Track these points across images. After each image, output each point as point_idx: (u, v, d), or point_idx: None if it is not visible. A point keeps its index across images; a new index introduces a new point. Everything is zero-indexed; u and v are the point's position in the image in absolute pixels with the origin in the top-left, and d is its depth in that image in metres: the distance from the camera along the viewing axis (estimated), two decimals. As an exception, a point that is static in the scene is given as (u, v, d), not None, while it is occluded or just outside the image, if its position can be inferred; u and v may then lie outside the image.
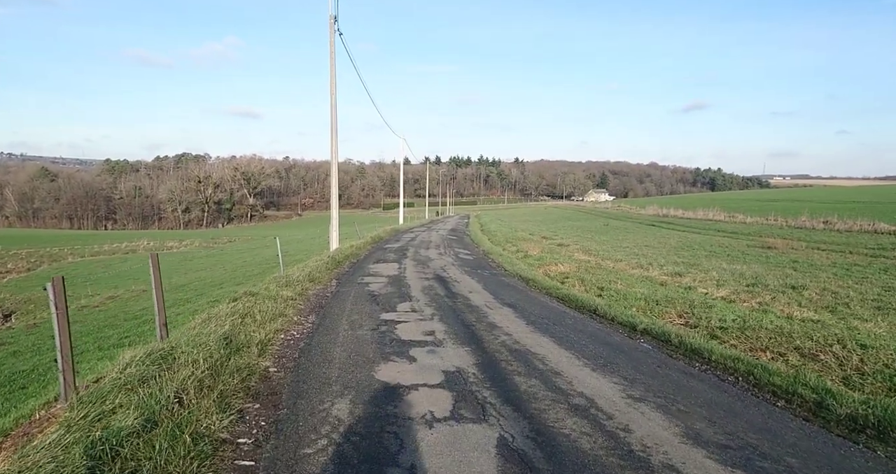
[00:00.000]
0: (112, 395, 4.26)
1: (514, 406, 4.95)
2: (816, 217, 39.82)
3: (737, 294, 14.12)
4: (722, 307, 11.52)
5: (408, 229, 42.87)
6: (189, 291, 19.29)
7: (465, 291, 12.01)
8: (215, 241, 75.24)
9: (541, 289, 13.01)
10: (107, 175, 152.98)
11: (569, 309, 10.60)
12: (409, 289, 12.10)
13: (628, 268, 19.67)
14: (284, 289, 10.79)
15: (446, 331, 8.07)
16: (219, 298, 15.42)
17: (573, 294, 12.37)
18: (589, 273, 17.79)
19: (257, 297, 9.50)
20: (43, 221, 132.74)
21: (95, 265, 47.70)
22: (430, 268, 16.43)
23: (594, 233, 42.23)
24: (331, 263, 15.85)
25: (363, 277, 13.81)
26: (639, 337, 8.34)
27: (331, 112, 20.37)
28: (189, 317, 12.71)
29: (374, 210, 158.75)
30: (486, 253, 23.29)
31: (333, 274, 14.41)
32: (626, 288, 14.49)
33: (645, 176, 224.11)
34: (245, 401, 4.93)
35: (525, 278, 15.08)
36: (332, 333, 7.75)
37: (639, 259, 22.54)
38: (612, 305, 10.83)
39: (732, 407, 5.21)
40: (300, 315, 9.07)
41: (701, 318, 10.38)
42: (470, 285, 13.07)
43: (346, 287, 12.20)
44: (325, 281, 13.01)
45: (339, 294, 11.28)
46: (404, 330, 8.07)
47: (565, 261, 20.63)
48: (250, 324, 7.59)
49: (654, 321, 9.69)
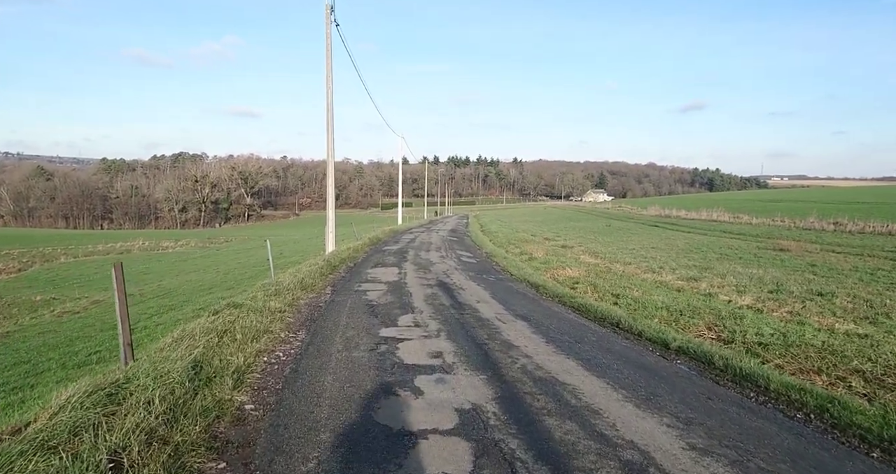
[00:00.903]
0: (21, 461, 3.18)
1: (552, 465, 3.87)
2: (825, 218, 38.86)
3: (762, 302, 13.09)
4: (753, 318, 10.47)
5: (407, 230, 41.77)
6: (177, 297, 18.22)
7: (473, 300, 10.93)
8: (211, 241, 74.06)
9: (553, 298, 11.95)
10: (103, 174, 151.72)
11: (587, 321, 9.55)
12: (411, 297, 11.02)
13: (639, 272, 18.64)
14: (273, 298, 9.72)
15: (456, 351, 6.99)
16: (206, 305, 14.35)
17: (588, 303, 11.33)
18: (600, 278, 16.75)
19: (241, 310, 8.42)
20: (38, 221, 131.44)
21: (88, 265, 46.57)
22: (431, 272, 15.36)
23: (597, 233, 41.19)
24: (326, 268, 14.77)
25: (360, 284, 12.73)
26: (674, 357, 7.28)
27: (327, 106, 19.30)
28: (172, 328, 11.65)
29: (372, 210, 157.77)
30: (489, 255, 22.23)
31: (328, 280, 13.32)
32: (643, 295, 13.45)
33: (643, 176, 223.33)
34: (207, 459, 3.84)
35: (534, 284, 14.03)
36: (324, 355, 6.67)
37: (648, 262, 21.51)
38: (635, 317, 9.78)
39: (822, 462, 4.15)
40: (288, 330, 7.99)
41: (734, 332, 9.34)
42: (476, 293, 12.00)
43: (341, 295, 11.12)
44: (318, 288, 11.92)
45: (333, 304, 10.19)
46: (407, 350, 6.99)
47: (573, 265, 19.59)
48: (229, 344, 6.52)
49: (685, 336, 8.63)
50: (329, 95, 19.24)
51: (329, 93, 19.23)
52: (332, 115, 19.40)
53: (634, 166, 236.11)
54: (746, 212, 51.12)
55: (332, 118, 19.33)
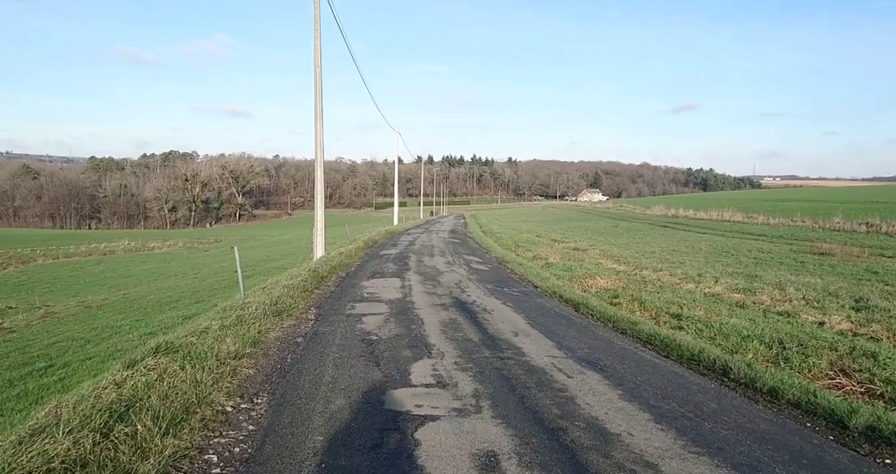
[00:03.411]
0: None
1: None
2: (853, 219, 36.31)
3: (862, 324, 10.40)
4: (886, 352, 7.73)
5: (404, 231, 38.95)
6: (134, 312, 15.33)
7: (507, 331, 8.14)
8: (200, 242, 71.04)
9: (604, 322, 9.23)
10: (91, 173, 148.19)
11: (678, 366, 6.78)
12: (423, 326, 8.23)
13: (678, 282, 15.94)
14: (231, 331, 6.92)
15: (519, 451, 4.04)
16: (161, 327, 11.53)
17: (652, 330, 8.61)
18: (639, 289, 14.06)
19: (176, 357, 5.62)
20: (24, 220, 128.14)
21: (65, 268, 43.64)
22: (442, 285, 12.59)
23: (606, 235, 38.45)
24: (311, 279, 11.96)
25: (354, 304, 9.92)
26: (864, 444, 4.49)
27: (315, 90, 16.50)
28: (105, 364, 8.82)
29: (366, 209, 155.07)
30: (500, 261, 19.48)
31: (312, 299, 10.48)
32: (708, 315, 10.73)
33: (637, 176, 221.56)
34: None
35: (569, 300, 11.32)
36: (289, 464, 3.86)
37: (680, 268, 18.77)
38: (731, 360, 6.99)
39: None
40: (241, 396, 5.17)
41: (879, 378, 6.62)
42: (508, 317, 9.22)
43: (328, 323, 8.32)
44: (298, 312, 9.08)
45: (316, 340, 7.38)
46: (436, 448, 4.06)
47: (602, 273, 16.88)
48: (124, 441, 3.73)
49: (828, 398, 5.80)
50: (317, 79, 16.45)
51: (317, 75, 16.45)
52: (320, 97, 16.61)
53: (628, 166, 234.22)
54: (758, 212, 48.61)
55: (320, 99, 16.54)
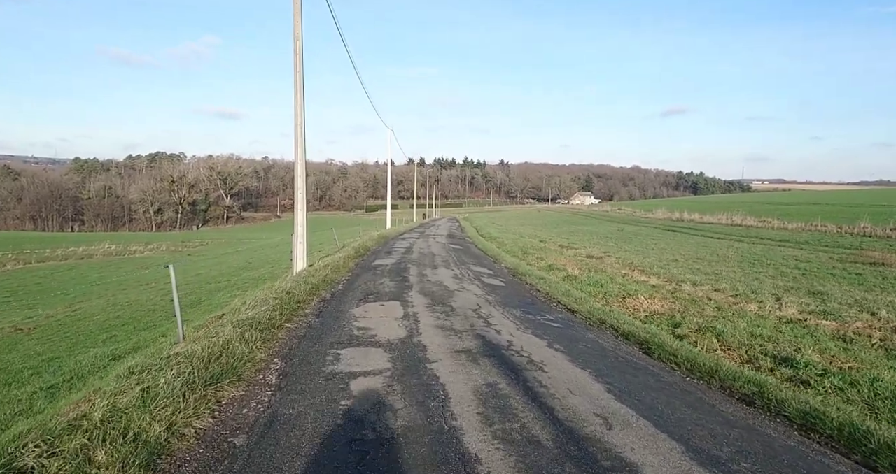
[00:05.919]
0: None
1: None
2: (881, 223, 33.81)
3: None
4: None
5: (398, 235, 35.92)
6: (60, 343, 12.17)
7: (586, 411, 5.09)
8: (185, 245, 67.44)
9: (703, 377, 6.35)
10: (74, 174, 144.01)
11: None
12: (448, 405, 5.14)
13: (733, 301, 13.15)
14: (114, 429, 3.98)
15: None
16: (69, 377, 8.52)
17: (831, 414, 5.77)
18: (700, 313, 11.26)
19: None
20: (3, 222, 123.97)
21: (33, 274, 40.06)
22: (457, 312, 9.65)
23: (615, 240, 35.62)
24: (283, 307, 8.98)
25: (338, 352, 6.90)
26: None
27: (295, 71, 13.56)
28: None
29: (356, 212, 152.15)
30: (514, 273, 16.59)
31: (280, 340, 7.42)
32: (831, 360, 7.90)
33: (628, 179, 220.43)
34: None
35: (629, 335, 8.46)
36: None
37: (724, 282, 15.94)
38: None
39: None
40: None
41: None
42: (568, 374, 6.26)
43: (294, 396, 5.25)
44: (253, 369, 6.00)
45: (269, 439, 4.40)
46: None
47: (638, 290, 14.06)
48: None
49: None
50: (298, 62, 13.51)
51: (298, 59, 13.50)
52: (301, 79, 13.67)
53: (619, 169, 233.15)
54: (773, 216, 46.11)
55: (301, 81, 13.59)
